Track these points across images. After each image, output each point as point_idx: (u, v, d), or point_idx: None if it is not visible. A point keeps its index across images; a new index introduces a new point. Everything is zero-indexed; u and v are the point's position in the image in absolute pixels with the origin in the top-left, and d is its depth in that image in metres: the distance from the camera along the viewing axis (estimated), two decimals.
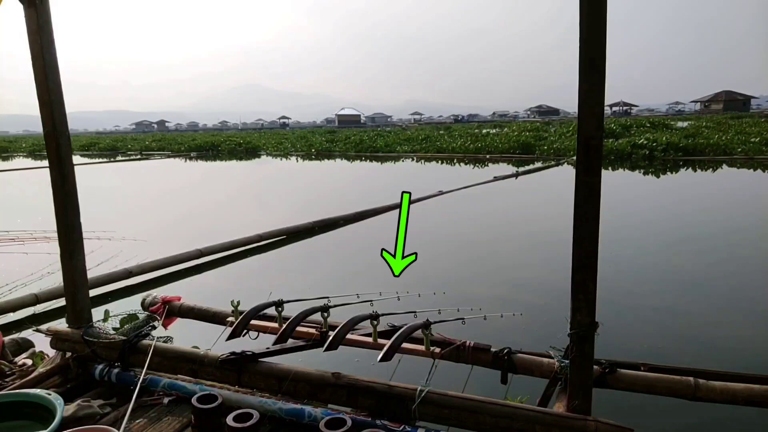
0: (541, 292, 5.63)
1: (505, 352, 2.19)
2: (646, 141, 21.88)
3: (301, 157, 30.46)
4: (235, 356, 2.27)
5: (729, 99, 76.56)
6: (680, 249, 7.44)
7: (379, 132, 44.20)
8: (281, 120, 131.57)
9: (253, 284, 6.56)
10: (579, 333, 1.75)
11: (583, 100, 1.64)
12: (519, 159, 23.29)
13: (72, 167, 2.50)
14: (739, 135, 23.40)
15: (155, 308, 2.79)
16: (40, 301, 5.05)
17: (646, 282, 5.97)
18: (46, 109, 2.38)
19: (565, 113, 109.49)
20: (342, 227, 9.35)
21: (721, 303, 5.30)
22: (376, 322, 2.27)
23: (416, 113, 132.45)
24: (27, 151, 40.71)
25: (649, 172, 17.71)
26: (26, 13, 2.29)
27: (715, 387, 1.98)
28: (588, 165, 1.66)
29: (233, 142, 37.61)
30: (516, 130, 33.05)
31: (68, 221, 2.50)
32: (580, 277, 1.73)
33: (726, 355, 4.11)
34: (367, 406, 2.05)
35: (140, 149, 40.18)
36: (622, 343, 4.18)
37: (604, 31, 1.59)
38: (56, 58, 2.37)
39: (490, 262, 7.22)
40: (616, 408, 2.28)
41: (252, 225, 8.58)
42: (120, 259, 6.58)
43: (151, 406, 2.18)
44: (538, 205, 11.88)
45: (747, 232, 8.39)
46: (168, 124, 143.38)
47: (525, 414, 1.85)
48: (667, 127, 29.48)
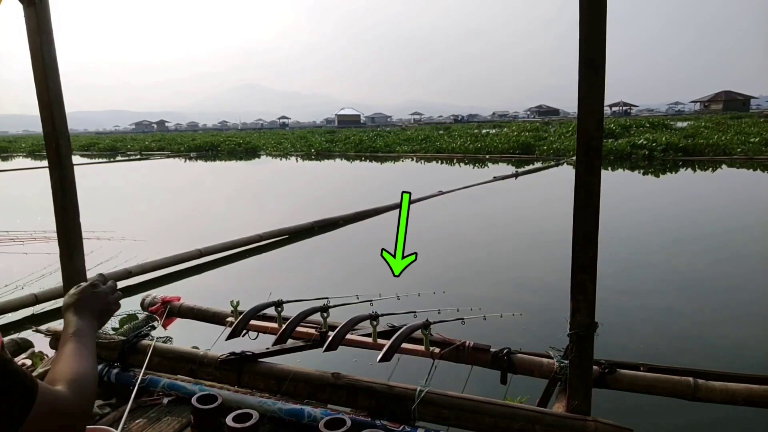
0: (541, 292, 5.63)
1: (504, 353, 2.19)
2: (646, 141, 21.88)
3: (301, 157, 30.46)
4: (234, 356, 2.27)
5: (729, 99, 76.59)
6: (680, 249, 7.44)
7: (379, 132, 44.20)
8: (281, 120, 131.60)
9: (252, 284, 6.56)
10: (578, 333, 1.75)
11: (583, 100, 1.64)
12: (519, 159, 23.30)
13: (72, 168, 2.50)
14: (738, 135, 23.40)
15: (155, 308, 2.78)
16: (39, 302, 5.05)
17: (646, 282, 5.98)
18: (46, 110, 2.38)
19: (564, 113, 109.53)
20: (342, 227, 9.36)
21: (720, 303, 5.30)
22: (375, 323, 2.27)
23: (416, 113, 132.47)
24: (27, 151, 40.69)
25: (648, 172, 17.72)
26: (26, 13, 2.29)
27: (714, 387, 1.98)
28: (588, 165, 1.66)
29: (233, 142, 37.60)
30: (516, 130, 33.03)
31: (68, 221, 2.49)
32: (580, 277, 1.73)
33: (726, 355, 4.12)
34: (366, 407, 2.05)
35: (140, 149, 40.15)
36: (621, 343, 4.19)
37: (603, 31, 1.59)
38: (56, 58, 2.37)
39: (489, 261, 7.23)
40: (615, 408, 2.29)
41: (252, 225, 8.59)
42: (120, 259, 6.58)
43: (150, 406, 2.18)
44: (537, 206, 11.88)
45: (747, 232, 8.39)
46: (168, 124, 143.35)
47: (524, 414, 1.85)
48: (667, 127, 29.45)
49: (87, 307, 1.17)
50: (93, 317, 1.17)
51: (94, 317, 1.17)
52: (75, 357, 1.01)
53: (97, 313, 1.19)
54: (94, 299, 1.20)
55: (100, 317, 1.20)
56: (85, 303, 1.17)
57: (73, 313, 1.14)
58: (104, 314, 1.23)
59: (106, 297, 1.23)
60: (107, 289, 1.26)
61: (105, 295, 1.23)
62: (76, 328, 1.10)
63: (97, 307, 1.20)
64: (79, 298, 1.18)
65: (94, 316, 1.17)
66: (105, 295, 1.23)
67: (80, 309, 1.16)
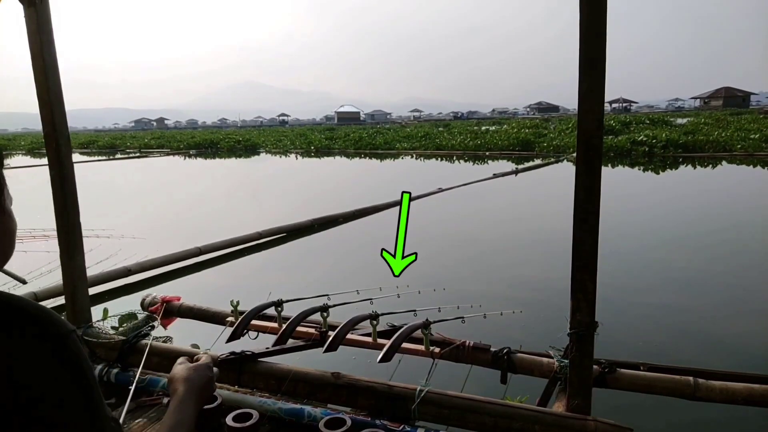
0: (541, 290, 5.63)
1: (504, 352, 2.19)
2: (646, 138, 21.86)
3: (301, 154, 30.45)
4: (234, 356, 2.27)
5: (729, 95, 76.51)
6: (680, 246, 7.44)
7: (379, 129, 44.16)
8: (280, 117, 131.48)
9: (252, 282, 6.56)
10: (578, 333, 1.75)
11: (583, 98, 1.63)
12: (519, 156, 23.28)
13: (71, 166, 2.50)
14: (738, 131, 23.38)
15: (155, 308, 2.79)
16: (39, 300, 5.05)
17: (646, 279, 5.98)
18: (46, 109, 2.38)
19: (564, 110, 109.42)
20: (342, 225, 9.35)
21: (721, 300, 5.30)
22: (375, 322, 2.27)
23: (416, 110, 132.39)
24: (26, 149, 40.66)
25: (648, 168, 17.71)
26: (26, 13, 2.28)
27: (714, 387, 1.98)
28: (588, 163, 1.66)
29: (232, 140, 37.57)
30: (515, 127, 32.99)
31: (68, 220, 2.49)
32: (580, 276, 1.73)
33: (726, 353, 4.12)
34: (366, 406, 2.05)
35: (139, 147, 40.10)
36: (621, 342, 4.19)
37: (604, 30, 1.59)
38: (56, 58, 2.36)
39: (489, 259, 7.23)
40: (615, 408, 2.29)
41: (252, 223, 8.59)
42: (119, 257, 6.58)
43: (150, 406, 2.18)
44: (537, 203, 11.87)
45: (747, 228, 8.39)
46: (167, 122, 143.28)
47: (524, 414, 1.85)
48: (667, 123, 29.42)
49: (200, 392, 1.14)
50: (199, 403, 1.14)
51: (200, 403, 1.14)
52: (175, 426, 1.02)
53: (202, 399, 1.16)
54: (208, 384, 1.16)
55: (202, 401, 1.16)
56: (200, 386, 1.14)
57: (188, 391, 1.12)
58: (207, 394, 1.18)
59: (211, 382, 1.19)
60: (215, 375, 1.22)
61: (211, 380, 1.19)
62: (180, 404, 1.09)
63: (206, 393, 1.17)
64: (198, 377, 1.15)
65: (200, 401, 1.14)
66: (211, 380, 1.19)
67: (195, 391, 1.13)
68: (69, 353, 0.70)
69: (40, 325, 0.69)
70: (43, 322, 0.70)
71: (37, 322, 0.70)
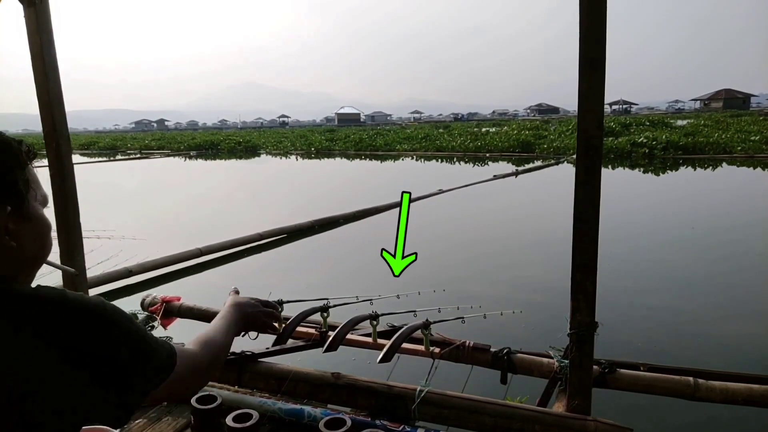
0: (541, 290, 5.63)
1: (504, 352, 2.18)
2: (646, 139, 21.86)
3: (301, 155, 30.46)
4: (234, 356, 2.27)
5: (729, 97, 76.53)
6: (680, 247, 7.44)
7: (379, 130, 44.17)
8: (281, 118, 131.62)
9: (253, 283, 6.55)
10: (578, 333, 1.75)
11: (583, 99, 1.63)
12: (519, 157, 23.29)
13: (72, 168, 2.50)
14: (738, 133, 23.38)
15: (154, 308, 2.79)
16: None
17: (646, 280, 5.98)
18: (46, 110, 2.38)
19: (564, 111, 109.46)
20: (342, 226, 9.35)
21: (720, 301, 5.30)
22: (375, 322, 2.27)
23: (416, 112, 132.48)
24: None
25: (648, 170, 17.71)
26: (26, 13, 2.28)
27: (714, 387, 1.98)
28: (588, 165, 1.66)
29: (233, 141, 37.58)
30: (516, 129, 33.00)
31: (68, 221, 2.49)
32: (580, 276, 1.73)
33: (726, 354, 4.12)
34: (366, 406, 2.05)
35: (140, 148, 40.12)
36: (621, 342, 4.18)
37: (604, 31, 1.59)
38: (56, 58, 2.36)
39: (489, 260, 7.23)
40: (615, 408, 2.29)
41: (252, 224, 8.59)
42: (120, 258, 6.58)
43: (150, 406, 2.18)
44: (537, 204, 11.88)
45: (747, 230, 8.39)
46: (167, 123, 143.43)
47: (524, 414, 1.85)
48: (667, 125, 29.41)
49: (245, 308, 1.37)
50: (241, 317, 1.34)
51: (242, 317, 1.34)
52: (213, 327, 1.21)
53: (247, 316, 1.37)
54: (252, 306, 1.40)
55: (245, 318, 1.36)
56: (245, 304, 1.38)
57: (232, 304, 1.35)
58: (250, 319, 1.39)
59: (257, 307, 1.41)
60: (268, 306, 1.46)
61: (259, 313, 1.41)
62: (224, 312, 1.31)
63: (250, 311, 1.38)
64: (244, 300, 1.39)
65: (242, 316, 1.35)
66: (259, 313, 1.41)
67: (239, 306, 1.36)
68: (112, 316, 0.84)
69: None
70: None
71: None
